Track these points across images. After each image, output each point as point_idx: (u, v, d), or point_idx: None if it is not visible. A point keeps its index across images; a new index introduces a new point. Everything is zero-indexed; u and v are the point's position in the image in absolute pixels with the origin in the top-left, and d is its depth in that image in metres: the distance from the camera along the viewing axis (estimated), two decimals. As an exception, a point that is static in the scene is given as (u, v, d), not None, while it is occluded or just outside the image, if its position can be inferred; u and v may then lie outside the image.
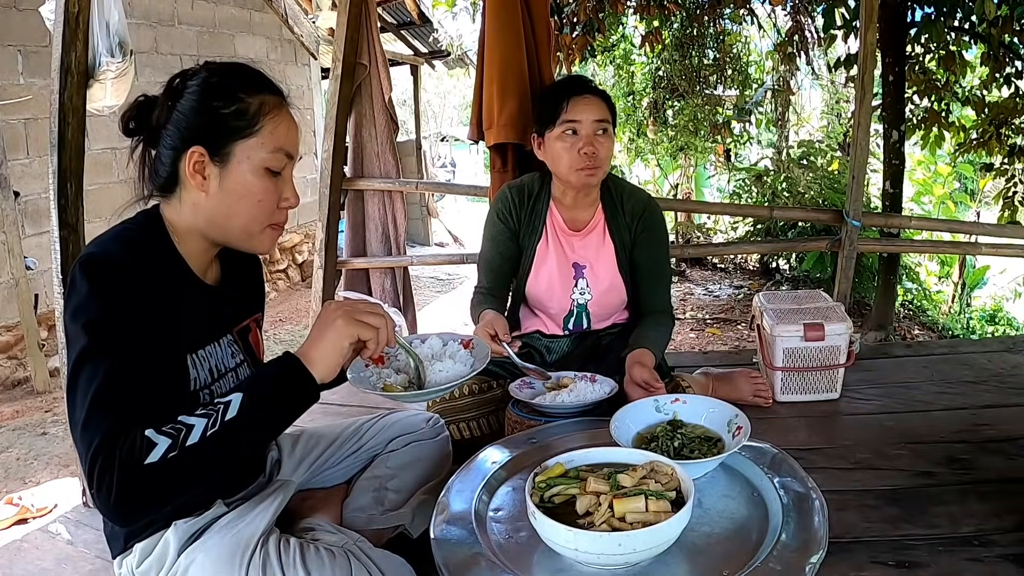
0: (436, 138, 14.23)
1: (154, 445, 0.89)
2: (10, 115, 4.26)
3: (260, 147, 1.06)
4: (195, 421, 0.92)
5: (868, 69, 2.72)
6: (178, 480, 0.90)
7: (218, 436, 0.92)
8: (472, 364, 1.29)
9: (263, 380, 1.00)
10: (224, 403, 0.94)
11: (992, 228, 3.46)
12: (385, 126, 3.03)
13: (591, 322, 1.96)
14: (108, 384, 0.92)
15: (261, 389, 0.98)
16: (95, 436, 0.89)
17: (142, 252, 1.03)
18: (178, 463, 0.89)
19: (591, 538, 0.91)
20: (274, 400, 0.99)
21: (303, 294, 6.76)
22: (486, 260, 1.96)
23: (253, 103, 1.07)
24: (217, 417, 0.93)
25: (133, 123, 1.10)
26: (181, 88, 1.08)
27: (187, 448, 0.90)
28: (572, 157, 1.76)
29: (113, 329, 0.95)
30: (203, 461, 0.91)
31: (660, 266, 1.91)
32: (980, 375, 2.22)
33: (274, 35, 6.75)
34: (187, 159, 1.05)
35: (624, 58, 7.71)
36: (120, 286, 0.97)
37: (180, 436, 0.90)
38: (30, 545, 1.60)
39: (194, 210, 1.09)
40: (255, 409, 0.96)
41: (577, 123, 1.75)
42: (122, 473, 0.87)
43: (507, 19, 2.44)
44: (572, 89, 1.79)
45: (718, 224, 8.14)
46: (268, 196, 1.09)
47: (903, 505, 1.45)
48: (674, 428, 1.27)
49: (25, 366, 4.43)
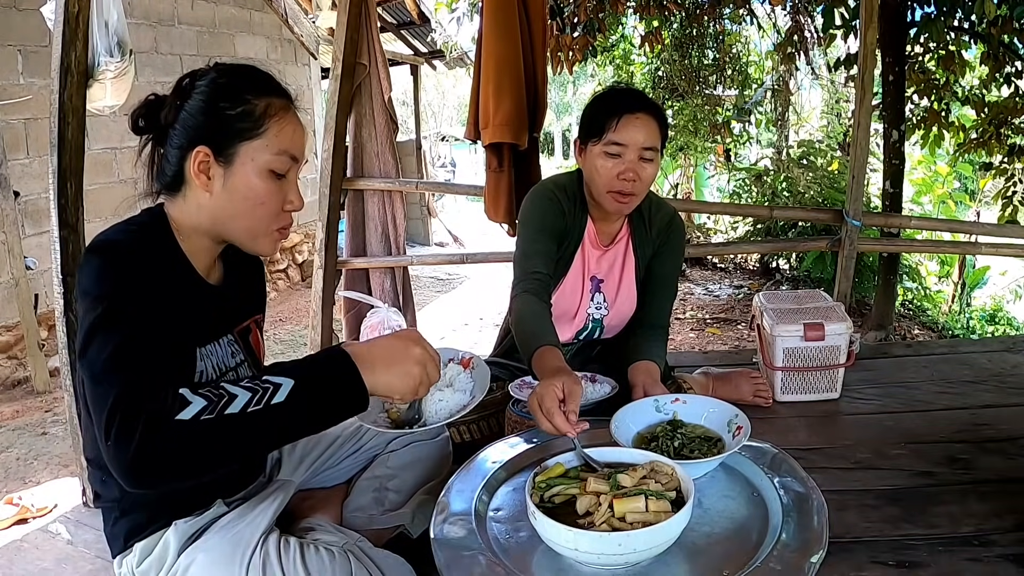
0: (436, 138, 14.22)
1: (188, 403, 0.86)
2: (10, 115, 4.26)
3: (264, 149, 1.06)
4: (239, 392, 0.89)
5: (868, 69, 2.71)
6: (205, 447, 0.87)
7: (259, 415, 0.89)
8: (472, 391, 1.25)
9: (319, 377, 0.95)
10: (274, 384, 0.91)
11: (992, 228, 3.46)
12: (385, 126, 3.03)
13: (603, 334, 1.91)
14: (124, 346, 0.90)
15: (316, 385, 0.94)
16: (112, 390, 0.87)
17: (147, 245, 1.04)
18: (211, 428, 0.86)
19: (591, 538, 0.91)
20: (325, 401, 0.95)
21: (303, 294, 6.75)
22: (534, 246, 1.71)
23: (259, 105, 1.06)
24: (264, 396, 0.90)
25: (142, 121, 1.10)
26: (190, 88, 1.08)
27: (224, 416, 0.87)
28: (610, 179, 1.63)
29: (125, 301, 0.94)
30: (236, 435, 0.88)
31: (670, 279, 1.85)
32: (980, 375, 2.22)
33: (274, 35, 6.75)
34: (192, 158, 1.05)
35: (624, 58, 7.72)
36: (128, 266, 0.98)
37: (220, 402, 0.87)
38: (30, 545, 1.60)
39: (198, 210, 1.09)
40: (304, 403, 0.92)
41: (623, 147, 1.61)
42: (149, 425, 0.84)
43: (504, 20, 2.45)
44: (626, 105, 1.62)
45: (718, 224, 8.15)
46: (271, 198, 1.09)
47: (903, 505, 1.45)
48: (674, 428, 1.27)
49: (25, 366, 4.43)
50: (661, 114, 1.67)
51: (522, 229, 1.77)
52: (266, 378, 0.92)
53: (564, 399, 1.21)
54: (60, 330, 1.71)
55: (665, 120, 1.69)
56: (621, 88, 1.75)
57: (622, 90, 1.72)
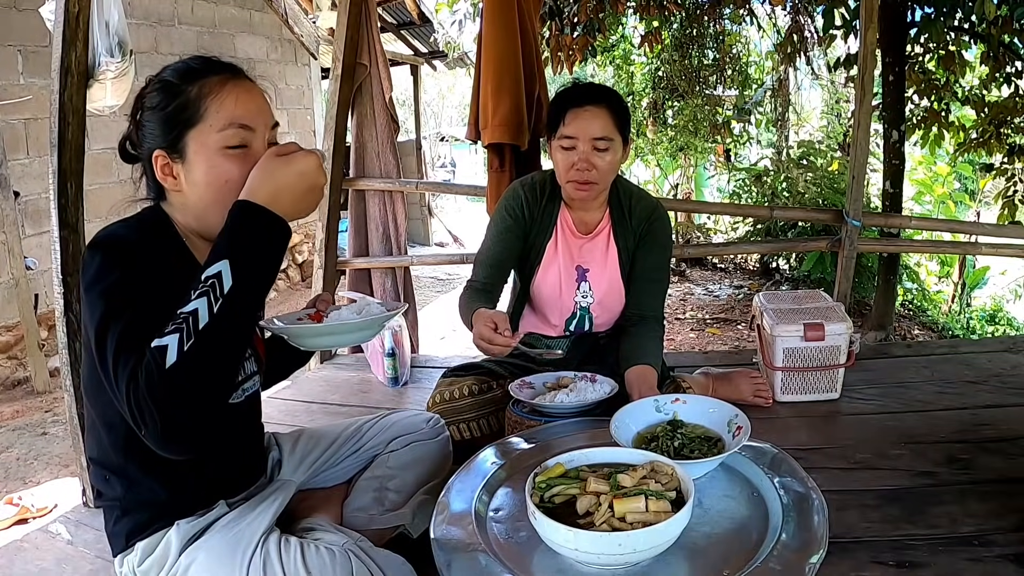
0: (436, 138, 14.21)
1: (164, 347, 0.86)
2: (10, 115, 4.26)
3: (209, 129, 1.05)
4: (195, 304, 0.89)
5: (868, 69, 2.71)
6: (207, 368, 0.88)
7: (225, 307, 0.89)
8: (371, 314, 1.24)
9: (237, 237, 0.94)
10: (214, 275, 0.90)
11: (992, 228, 3.46)
12: (386, 126, 3.03)
13: (593, 325, 1.95)
14: (128, 332, 0.91)
15: (240, 246, 0.93)
16: (122, 379, 0.88)
17: (150, 239, 1.05)
18: (198, 350, 0.87)
19: (591, 538, 0.91)
20: (262, 256, 0.95)
21: (303, 294, 6.75)
22: (488, 254, 1.89)
23: (192, 89, 1.06)
24: (216, 290, 0.90)
25: (128, 145, 1.13)
26: (140, 102, 1.10)
27: (201, 331, 0.87)
28: (566, 170, 1.74)
29: (129, 293, 0.95)
30: (223, 339, 0.89)
31: (657, 270, 1.89)
32: (980, 375, 2.22)
33: (274, 35, 6.75)
34: (155, 165, 1.07)
35: (624, 58, 7.71)
36: (131, 259, 0.99)
37: (188, 324, 0.87)
38: (30, 545, 1.60)
39: (184, 211, 1.10)
40: (246, 267, 0.92)
41: (575, 139, 1.71)
42: (150, 391, 0.85)
43: (503, 20, 2.45)
44: (573, 100, 1.73)
45: (718, 224, 8.15)
46: (234, 174, 1.05)
47: (903, 505, 1.45)
48: (674, 428, 1.27)
49: (25, 366, 4.43)
50: (615, 103, 1.74)
51: (485, 234, 1.93)
52: (204, 274, 0.91)
53: (496, 325, 1.47)
54: (60, 330, 1.70)
55: (622, 108, 1.76)
56: (573, 84, 1.83)
57: (573, 86, 1.81)
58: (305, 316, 1.31)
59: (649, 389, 1.55)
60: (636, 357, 1.67)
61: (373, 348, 2.61)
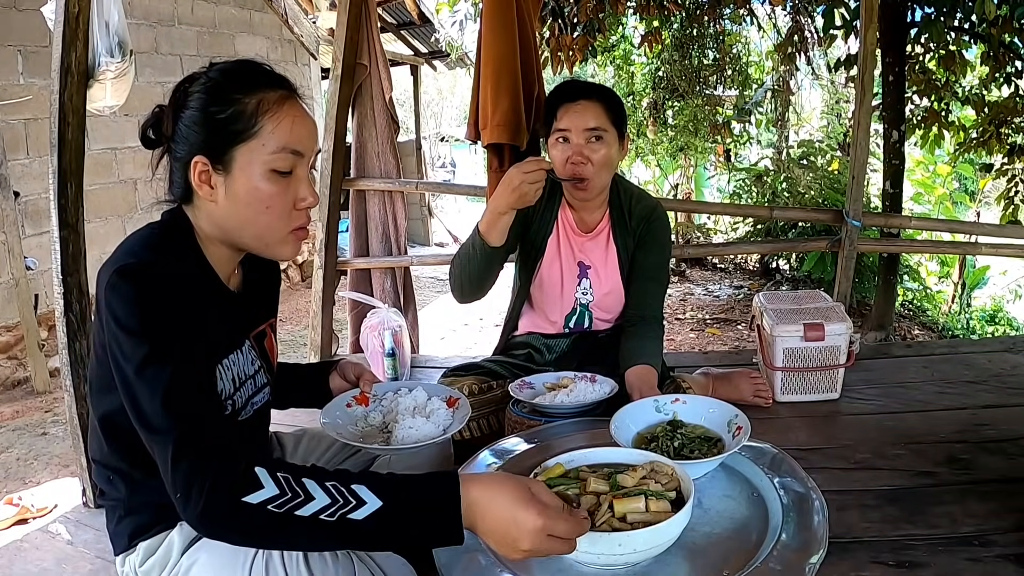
0: (436, 138, 14.22)
1: (260, 487, 0.84)
2: (10, 115, 4.26)
3: (261, 149, 1.02)
4: (317, 494, 0.85)
5: (868, 69, 2.71)
6: (262, 534, 0.86)
7: (327, 526, 0.84)
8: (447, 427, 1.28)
9: (413, 508, 0.86)
10: (357, 500, 0.85)
11: (992, 228, 3.46)
12: (386, 126, 3.03)
13: (592, 323, 1.96)
14: (176, 385, 0.89)
15: (404, 516, 0.86)
16: (169, 440, 0.86)
17: (172, 258, 1.01)
18: (273, 521, 0.83)
19: (591, 538, 0.91)
20: (406, 534, 0.87)
21: (303, 294, 6.75)
22: None
23: (250, 103, 1.02)
24: (342, 508, 0.84)
25: (151, 132, 1.07)
26: (184, 95, 1.05)
27: (293, 516, 0.83)
28: (562, 165, 1.77)
29: (166, 339, 0.92)
30: (296, 535, 0.84)
31: (656, 270, 1.89)
32: (980, 375, 2.22)
33: (274, 35, 6.75)
34: (192, 169, 1.02)
35: (624, 58, 7.71)
36: (164, 292, 0.94)
37: (293, 500, 0.84)
38: (30, 545, 1.60)
39: (210, 220, 1.06)
40: (383, 529, 0.85)
41: (568, 132, 1.75)
42: (212, 496, 0.83)
43: (503, 21, 2.45)
44: (565, 96, 1.77)
45: (718, 224, 8.15)
46: (277, 200, 1.04)
47: (903, 505, 1.45)
48: (674, 428, 1.27)
49: (25, 366, 4.43)
50: (608, 97, 1.78)
51: None
52: (353, 488, 0.86)
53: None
54: (60, 330, 1.70)
55: (615, 102, 1.79)
56: (564, 82, 1.86)
57: (564, 83, 1.85)
58: (352, 399, 1.33)
59: (649, 389, 1.55)
60: (636, 357, 1.67)
61: (373, 348, 2.61)
